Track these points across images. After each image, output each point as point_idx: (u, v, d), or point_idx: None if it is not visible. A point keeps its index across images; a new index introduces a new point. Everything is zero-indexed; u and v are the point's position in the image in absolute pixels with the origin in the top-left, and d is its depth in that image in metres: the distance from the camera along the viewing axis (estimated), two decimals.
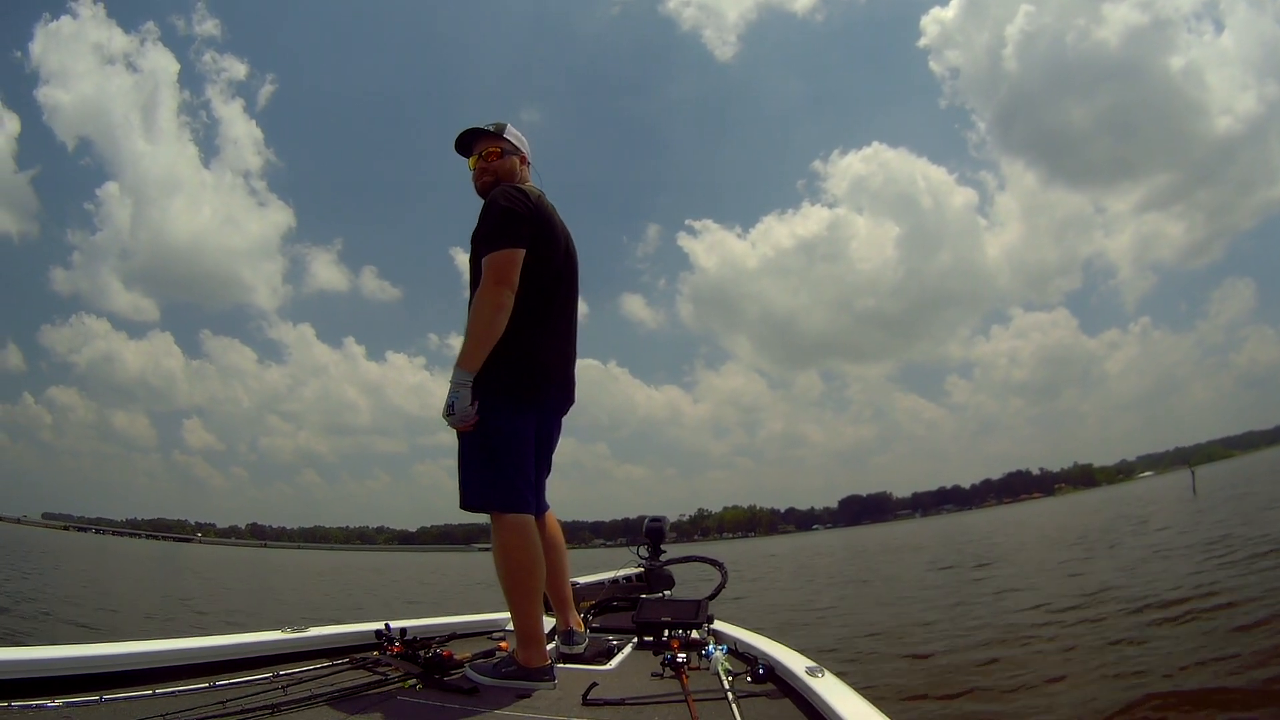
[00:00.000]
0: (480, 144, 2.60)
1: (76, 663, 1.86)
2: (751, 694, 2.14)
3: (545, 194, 2.62)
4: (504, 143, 2.60)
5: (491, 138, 2.60)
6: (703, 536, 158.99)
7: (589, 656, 2.62)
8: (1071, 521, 26.93)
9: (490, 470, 2.33)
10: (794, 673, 2.13)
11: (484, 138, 2.60)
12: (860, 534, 71.50)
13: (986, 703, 4.62)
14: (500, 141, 2.59)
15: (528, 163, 2.68)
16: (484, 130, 2.61)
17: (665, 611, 3.05)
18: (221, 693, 1.88)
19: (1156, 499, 32.96)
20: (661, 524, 4.02)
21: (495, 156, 2.58)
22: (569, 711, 1.98)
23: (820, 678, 2.02)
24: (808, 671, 2.07)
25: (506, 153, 2.60)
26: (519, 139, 2.64)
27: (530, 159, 2.69)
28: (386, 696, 2.04)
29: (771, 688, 2.20)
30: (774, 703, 2.09)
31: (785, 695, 2.13)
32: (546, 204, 2.55)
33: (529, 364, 2.40)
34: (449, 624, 3.01)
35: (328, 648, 2.51)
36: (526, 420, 2.42)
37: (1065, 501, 76.28)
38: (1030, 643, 6.14)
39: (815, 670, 2.08)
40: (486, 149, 2.58)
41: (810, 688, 1.97)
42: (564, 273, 2.57)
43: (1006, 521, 40.61)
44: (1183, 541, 12.26)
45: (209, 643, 2.20)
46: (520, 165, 2.63)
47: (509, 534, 2.30)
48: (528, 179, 2.66)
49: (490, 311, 2.27)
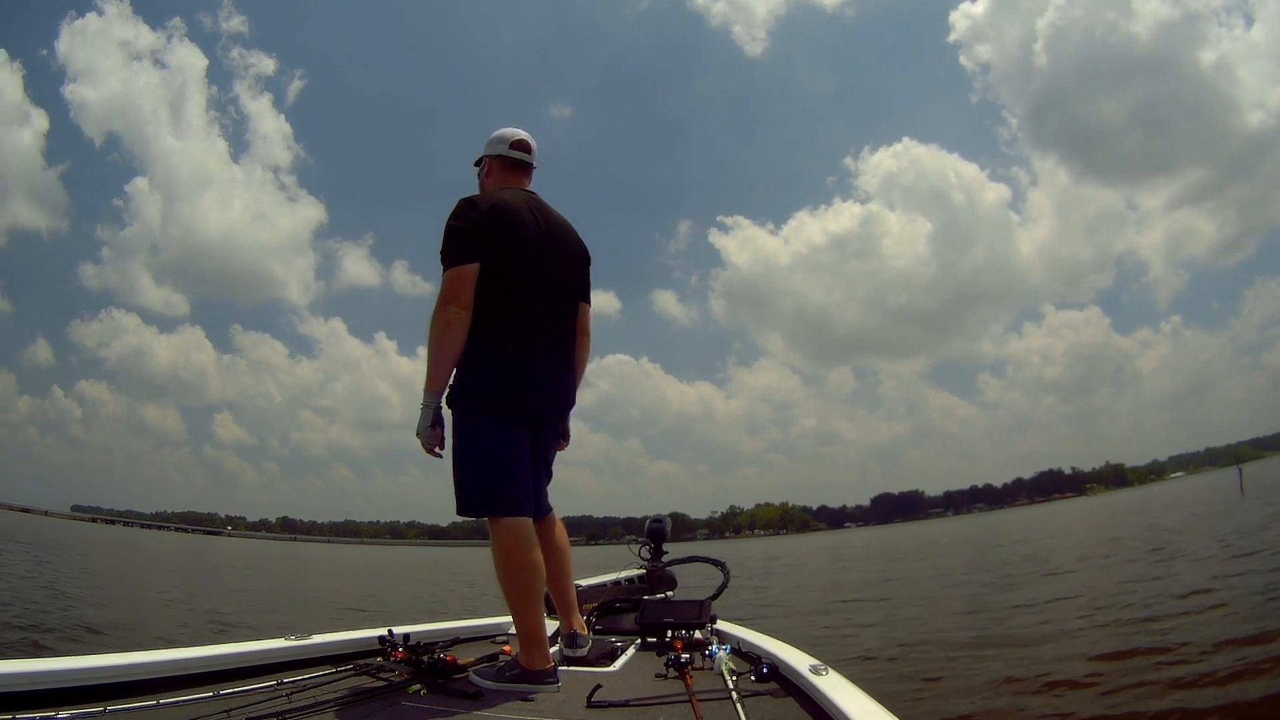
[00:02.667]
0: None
1: (81, 674, 1.86)
2: (756, 693, 2.14)
3: (538, 193, 2.66)
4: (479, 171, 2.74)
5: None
6: (734, 534, 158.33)
7: (593, 659, 2.62)
8: (1129, 523, 23.81)
9: (480, 479, 2.37)
10: (798, 671, 2.13)
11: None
12: (892, 533, 70.26)
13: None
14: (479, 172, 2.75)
15: (499, 162, 2.70)
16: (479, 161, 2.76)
17: (668, 612, 3.05)
18: (226, 701, 1.88)
19: (1203, 498, 31.22)
20: (663, 525, 4.01)
21: (483, 174, 2.74)
22: (574, 714, 1.98)
23: (824, 676, 2.02)
24: (811, 670, 2.08)
25: (482, 169, 2.73)
26: (490, 144, 2.72)
27: (506, 154, 2.69)
28: (391, 703, 2.05)
29: (775, 686, 2.20)
30: (778, 701, 2.08)
31: (789, 694, 2.13)
32: (515, 206, 2.52)
33: (508, 375, 2.41)
34: (452, 629, 3.02)
35: (332, 654, 2.51)
36: (515, 431, 2.43)
37: (1102, 501, 73.31)
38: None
39: (819, 668, 2.08)
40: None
41: (815, 686, 1.97)
42: (549, 277, 2.54)
43: (1046, 521, 38.39)
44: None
45: (213, 651, 2.21)
46: (486, 175, 2.71)
47: (506, 537, 2.32)
48: (507, 182, 2.68)
49: (439, 330, 2.33)
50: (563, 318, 2.59)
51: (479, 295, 2.40)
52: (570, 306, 2.64)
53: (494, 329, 2.39)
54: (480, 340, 2.41)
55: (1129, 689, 4.62)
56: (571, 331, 2.64)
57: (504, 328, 2.40)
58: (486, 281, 2.40)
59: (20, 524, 51.72)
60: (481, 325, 2.41)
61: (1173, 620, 6.44)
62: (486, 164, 2.73)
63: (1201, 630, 5.89)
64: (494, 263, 2.40)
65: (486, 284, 2.40)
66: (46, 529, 47.65)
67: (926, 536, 39.35)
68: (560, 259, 2.60)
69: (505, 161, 2.71)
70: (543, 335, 2.50)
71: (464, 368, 2.41)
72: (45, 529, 47.24)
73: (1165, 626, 6.22)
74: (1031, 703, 4.62)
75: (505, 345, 2.41)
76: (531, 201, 2.61)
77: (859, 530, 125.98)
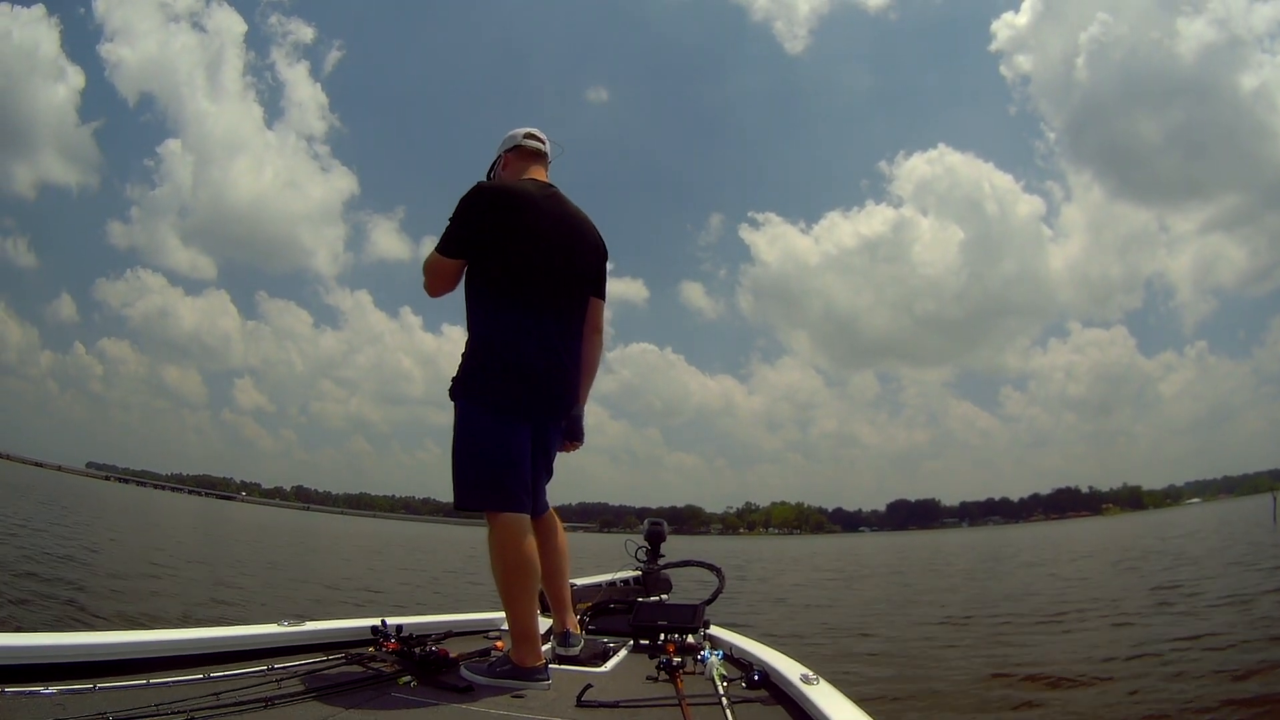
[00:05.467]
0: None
1: (71, 650, 1.87)
2: (745, 699, 2.14)
3: (556, 186, 2.64)
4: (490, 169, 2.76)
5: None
6: (749, 530, 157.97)
7: (584, 658, 2.62)
8: (1163, 549, 21.14)
9: (480, 472, 2.37)
10: (788, 679, 2.13)
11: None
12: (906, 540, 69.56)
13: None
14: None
15: (515, 153, 2.70)
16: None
17: (662, 615, 3.05)
18: (215, 684, 1.87)
19: (1233, 527, 29.17)
20: (661, 527, 3.99)
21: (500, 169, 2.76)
22: (563, 713, 1.98)
23: (814, 685, 2.02)
24: (802, 679, 2.07)
25: (496, 167, 2.74)
26: (504, 143, 2.74)
27: (521, 143, 2.70)
28: (381, 693, 2.05)
29: (765, 694, 2.20)
30: (768, 709, 2.09)
31: (778, 702, 2.13)
32: (528, 196, 2.49)
33: (510, 369, 2.39)
34: (445, 622, 3.02)
35: (323, 642, 2.51)
36: (516, 425, 2.41)
37: (1120, 523, 71.26)
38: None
39: (810, 678, 2.08)
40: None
41: (804, 695, 1.97)
42: (558, 271, 2.50)
43: (1068, 540, 36.12)
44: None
45: (204, 634, 2.21)
46: (503, 169, 2.71)
47: (503, 533, 2.32)
48: (524, 174, 2.66)
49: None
50: (571, 313, 2.57)
51: (483, 285, 2.42)
52: (580, 302, 2.61)
53: (497, 321, 2.38)
54: (482, 332, 2.41)
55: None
56: (574, 329, 2.60)
57: (507, 320, 2.39)
58: (490, 272, 2.41)
59: (32, 480, 51.58)
60: (484, 316, 2.41)
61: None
62: (503, 159, 2.70)
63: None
64: (498, 253, 2.39)
65: (490, 275, 2.41)
66: (57, 485, 47.18)
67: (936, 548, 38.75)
68: (574, 253, 2.56)
69: (521, 152, 2.69)
70: (548, 329, 2.46)
71: (466, 359, 2.42)
72: (56, 485, 46.80)
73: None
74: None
75: (508, 338, 2.39)
76: (547, 193, 2.57)
77: (872, 535, 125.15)
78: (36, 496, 27.29)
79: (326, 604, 9.60)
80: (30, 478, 52.38)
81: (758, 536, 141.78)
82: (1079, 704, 4.95)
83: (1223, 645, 6.43)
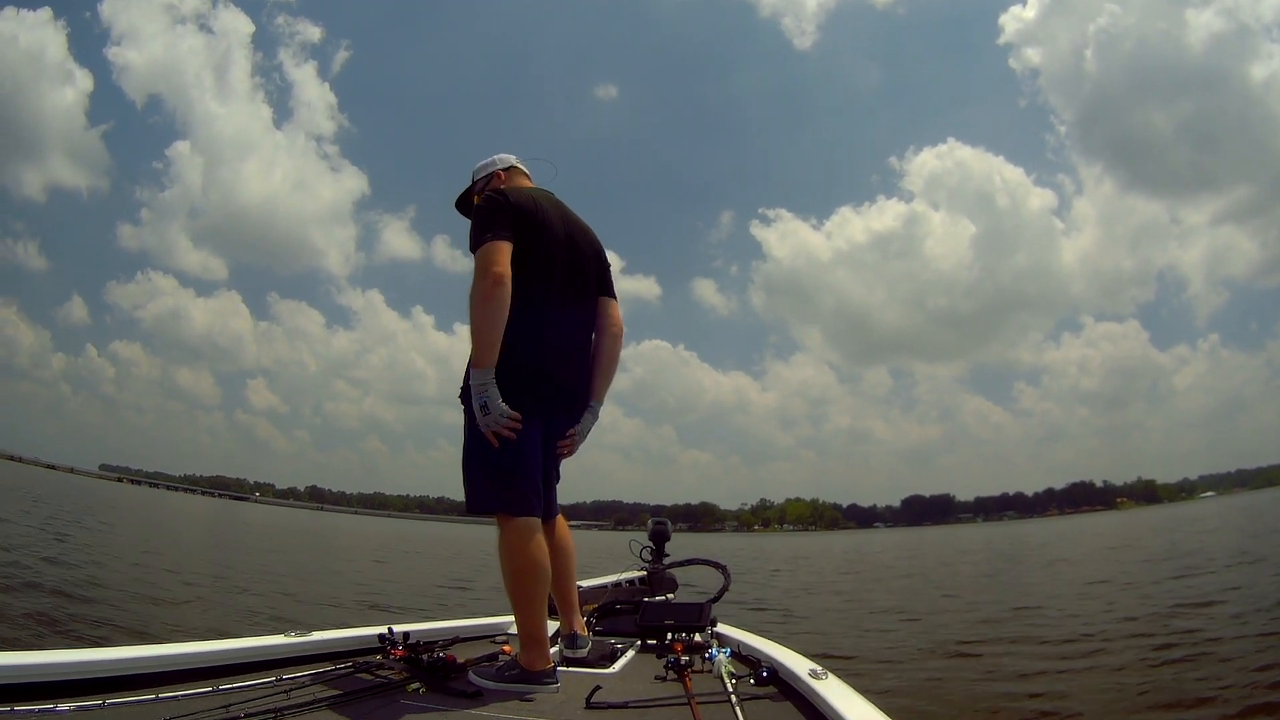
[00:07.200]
0: (469, 201, 2.75)
1: (79, 667, 1.87)
2: (755, 696, 2.13)
3: (554, 193, 2.66)
4: (476, 191, 2.73)
5: (469, 194, 2.75)
6: (764, 527, 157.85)
7: (592, 660, 2.61)
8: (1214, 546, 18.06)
9: (494, 474, 2.36)
10: (797, 675, 2.13)
11: (466, 197, 2.76)
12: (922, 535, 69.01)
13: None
14: (474, 194, 2.72)
15: (509, 171, 2.73)
16: (465, 193, 2.77)
17: (668, 614, 3.04)
18: (224, 696, 1.88)
19: (1264, 521, 27.07)
20: (665, 527, 3.99)
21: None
22: (572, 715, 1.98)
23: (823, 680, 2.02)
24: (810, 674, 2.07)
25: (479, 192, 2.70)
26: (483, 167, 2.74)
27: (515, 164, 2.74)
28: (390, 700, 2.05)
29: (775, 690, 2.20)
30: (777, 705, 2.08)
31: (788, 698, 2.13)
32: (536, 201, 2.52)
33: (523, 370, 2.38)
34: (452, 628, 3.01)
35: (331, 652, 2.50)
36: (527, 429, 2.39)
37: (1136, 517, 69.43)
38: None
39: (818, 673, 2.07)
40: (474, 201, 2.70)
41: (814, 690, 1.97)
42: (571, 273, 2.53)
43: (1085, 536, 34.58)
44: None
45: (212, 646, 2.22)
46: (500, 182, 2.69)
47: (514, 537, 2.32)
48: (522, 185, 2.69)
49: (478, 303, 2.26)
50: (584, 314, 2.60)
51: None
52: (590, 302, 2.63)
53: (511, 322, 2.36)
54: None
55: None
56: (592, 329, 2.64)
57: (521, 322, 2.37)
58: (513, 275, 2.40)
59: (42, 482, 50.84)
60: None
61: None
62: (496, 177, 2.71)
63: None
64: (518, 252, 2.37)
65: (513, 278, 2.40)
66: (66, 488, 46.11)
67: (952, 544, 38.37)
68: (580, 255, 2.59)
69: (514, 171, 2.74)
70: (562, 331, 2.49)
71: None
72: (65, 488, 45.70)
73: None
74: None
75: (523, 340, 2.38)
76: (552, 199, 2.61)
77: (888, 531, 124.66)
78: (57, 503, 26.84)
79: (345, 608, 9.45)
80: (41, 481, 51.91)
81: (772, 533, 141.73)
82: (1098, 700, 4.88)
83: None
